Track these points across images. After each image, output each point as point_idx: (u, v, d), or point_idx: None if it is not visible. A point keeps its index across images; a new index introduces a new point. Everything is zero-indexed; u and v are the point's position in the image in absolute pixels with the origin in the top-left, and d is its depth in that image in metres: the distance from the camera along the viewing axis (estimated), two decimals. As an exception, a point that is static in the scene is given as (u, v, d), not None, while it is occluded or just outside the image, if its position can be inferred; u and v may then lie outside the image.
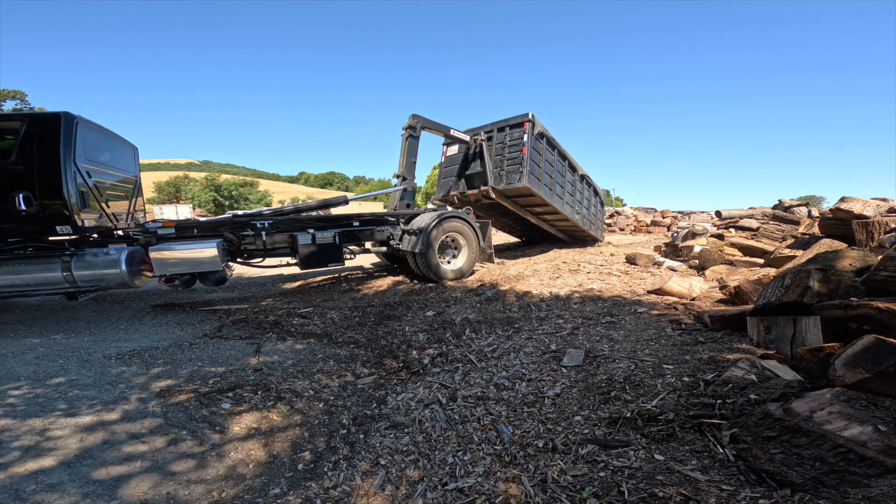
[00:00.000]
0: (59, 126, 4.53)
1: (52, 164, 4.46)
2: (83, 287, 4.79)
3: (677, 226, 14.00)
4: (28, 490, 2.00)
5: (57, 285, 4.71)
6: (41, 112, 4.57)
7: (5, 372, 3.37)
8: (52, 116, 4.55)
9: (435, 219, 6.70)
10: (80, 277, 4.73)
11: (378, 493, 2.03)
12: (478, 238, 7.28)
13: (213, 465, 2.28)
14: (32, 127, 4.47)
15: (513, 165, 7.95)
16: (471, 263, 7.14)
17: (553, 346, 3.44)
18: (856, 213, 4.55)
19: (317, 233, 6.16)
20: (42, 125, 4.50)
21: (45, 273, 4.64)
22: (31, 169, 4.42)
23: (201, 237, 5.70)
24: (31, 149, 4.44)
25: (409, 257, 6.83)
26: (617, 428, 2.19)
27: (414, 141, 7.63)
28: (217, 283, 5.58)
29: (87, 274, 4.75)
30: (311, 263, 6.14)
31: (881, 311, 2.28)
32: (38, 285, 4.65)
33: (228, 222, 5.99)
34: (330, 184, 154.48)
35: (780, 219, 7.24)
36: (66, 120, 4.58)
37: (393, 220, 7.10)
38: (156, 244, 5.30)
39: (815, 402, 1.81)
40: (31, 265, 4.61)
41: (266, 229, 6.04)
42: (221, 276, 5.58)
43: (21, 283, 4.58)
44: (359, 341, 4.35)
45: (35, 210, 4.43)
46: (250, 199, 53.21)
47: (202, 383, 3.22)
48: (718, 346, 3.02)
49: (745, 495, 1.62)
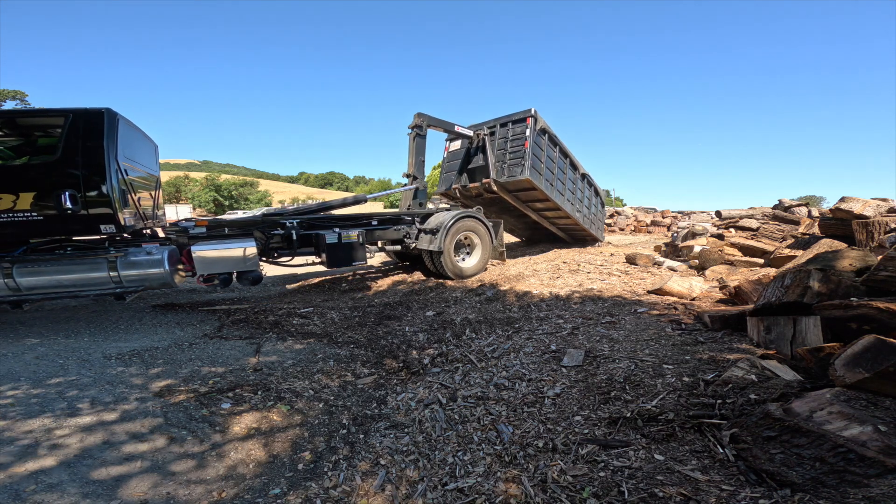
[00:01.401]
0: (102, 122, 4.46)
1: (97, 161, 4.39)
2: (129, 287, 4.71)
3: (677, 226, 14.00)
4: (28, 490, 2.00)
5: (103, 285, 4.62)
6: (84, 108, 4.45)
7: (5, 372, 3.36)
8: (95, 113, 4.48)
9: (452, 218, 6.83)
10: (126, 277, 4.65)
11: (378, 493, 2.04)
12: (491, 237, 7.44)
13: (213, 465, 2.28)
14: (76, 123, 4.38)
15: (515, 159, 8.04)
16: (484, 261, 7.35)
17: (553, 346, 3.44)
18: (856, 213, 4.55)
19: (342, 231, 6.21)
20: (86, 121, 4.42)
21: (92, 273, 4.55)
22: (77, 166, 4.34)
23: (232, 236, 5.67)
24: (76, 146, 4.35)
25: (426, 255, 6.97)
26: (617, 428, 2.19)
27: (421, 140, 7.77)
28: (253, 282, 5.51)
29: (132, 273, 4.67)
30: (337, 262, 6.15)
31: (881, 311, 2.28)
32: (85, 285, 4.56)
33: (258, 221, 5.97)
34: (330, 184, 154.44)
35: (780, 219, 7.24)
36: (108, 116, 4.53)
37: (409, 219, 7.22)
38: (187, 243, 5.25)
39: (815, 402, 1.81)
40: (77, 265, 4.52)
41: (296, 228, 6.05)
42: (258, 276, 5.53)
43: (69, 284, 4.49)
44: (359, 341, 4.35)
45: (80, 208, 4.36)
46: (250, 199, 53.22)
47: (202, 383, 3.22)
48: (718, 346, 3.02)
49: (745, 495, 1.62)
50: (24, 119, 4.56)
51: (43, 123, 4.70)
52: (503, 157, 8.26)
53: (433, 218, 7.13)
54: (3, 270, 4.27)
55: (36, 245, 4.55)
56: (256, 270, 5.45)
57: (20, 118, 4.53)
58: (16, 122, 4.59)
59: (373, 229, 6.74)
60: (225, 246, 5.25)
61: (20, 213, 4.22)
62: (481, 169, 8.58)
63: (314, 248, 6.26)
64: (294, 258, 6.26)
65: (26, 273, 4.33)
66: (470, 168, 8.99)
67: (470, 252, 7.39)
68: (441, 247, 6.59)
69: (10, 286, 4.29)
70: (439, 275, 7.03)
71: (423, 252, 6.96)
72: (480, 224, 7.32)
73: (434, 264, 6.93)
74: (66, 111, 4.41)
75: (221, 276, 5.32)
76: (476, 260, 7.28)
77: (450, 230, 6.73)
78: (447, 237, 6.68)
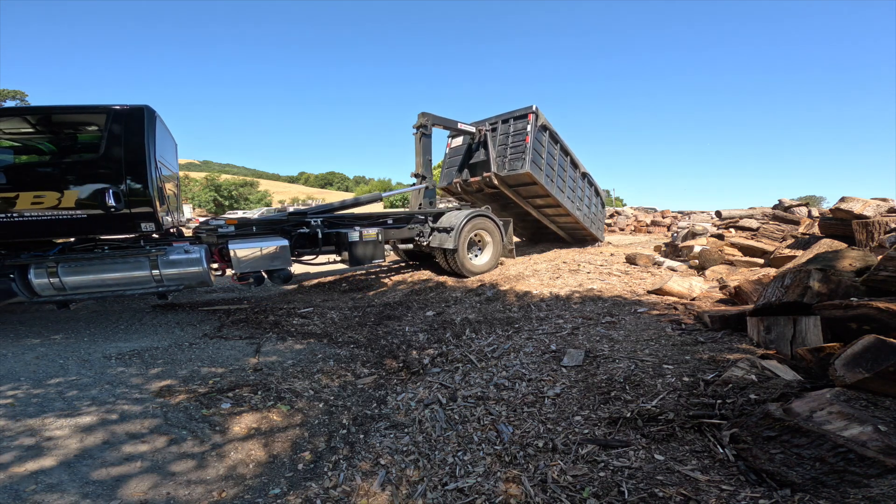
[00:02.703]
0: (143, 119, 4.43)
1: (139, 159, 4.36)
2: (170, 286, 4.69)
3: (677, 226, 14.00)
4: (28, 490, 2.00)
5: (145, 284, 4.60)
6: (124, 105, 4.41)
7: (5, 372, 3.36)
8: (136, 110, 4.45)
9: (465, 217, 6.99)
10: (167, 276, 4.63)
11: (378, 493, 2.03)
12: (501, 234, 7.61)
13: (213, 466, 2.28)
14: (118, 120, 4.34)
15: (515, 153, 8.15)
16: (495, 259, 7.52)
17: (553, 346, 3.44)
18: (856, 213, 4.55)
19: (363, 230, 6.30)
20: (127, 118, 4.38)
21: (134, 272, 4.52)
22: (119, 164, 4.30)
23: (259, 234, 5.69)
24: (118, 143, 4.31)
25: (439, 253, 7.11)
26: (617, 428, 2.19)
27: (427, 139, 7.92)
28: (285, 280, 5.53)
29: (172, 272, 4.66)
30: (358, 260, 6.25)
31: (881, 311, 2.28)
32: (128, 284, 4.54)
33: (284, 220, 6.02)
34: (330, 184, 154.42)
35: (780, 219, 7.24)
36: (148, 113, 4.50)
37: (421, 217, 7.34)
38: (216, 242, 5.25)
39: (815, 402, 1.81)
40: (120, 264, 4.48)
41: (320, 226, 6.12)
42: (289, 274, 5.56)
43: (112, 283, 4.46)
44: (359, 341, 4.35)
45: (123, 206, 4.32)
46: (250, 199, 53.22)
47: (202, 383, 3.22)
48: (718, 346, 3.02)
49: (745, 495, 1.62)
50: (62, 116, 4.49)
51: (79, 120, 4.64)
52: (504, 151, 8.36)
53: (445, 217, 7.27)
54: (49, 269, 4.22)
55: (70, 245, 4.52)
56: (287, 268, 5.49)
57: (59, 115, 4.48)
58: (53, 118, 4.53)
59: (389, 228, 6.87)
60: (261, 244, 5.27)
61: (65, 212, 4.19)
62: (482, 164, 8.70)
63: (335, 246, 6.36)
64: (318, 256, 6.36)
65: (71, 272, 4.29)
66: (471, 163, 9.13)
67: (481, 250, 7.57)
68: (456, 245, 6.74)
69: (55, 285, 4.25)
70: (452, 272, 7.16)
71: (437, 250, 7.09)
72: (491, 222, 7.50)
73: (448, 262, 7.07)
74: (107, 108, 4.37)
75: (255, 274, 5.34)
76: (488, 257, 7.47)
77: (464, 229, 6.89)
78: (461, 235, 6.84)
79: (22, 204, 4.07)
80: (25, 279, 4.21)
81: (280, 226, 5.87)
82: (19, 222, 4.09)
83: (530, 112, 8.14)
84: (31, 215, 4.10)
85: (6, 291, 4.13)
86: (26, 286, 4.22)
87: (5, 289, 4.12)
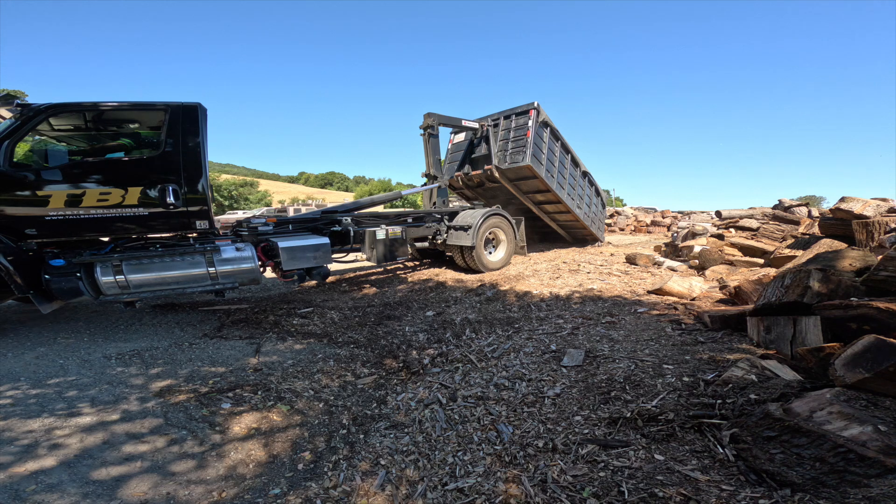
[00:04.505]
0: (197, 116, 4.45)
1: (195, 156, 4.41)
2: (225, 284, 4.68)
3: (677, 226, 13.99)
4: (28, 490, 2.00)
5: (202, 282, 4.58)
6: (180, 103, 4.42)
7: (5, 372, 3.36)
8: (191, 107, 4.46)
9: (482, 216, 7.20)
10: (222, 273, 4.62)
11: (378, 493, 2.03)
12: (514, 232, 7.89)
13: (213, 466, 2.28)
14: (175, 117, 4.36)
15: (517, 147, 8.28)
16: (509, 256, 7.80)
17: (553, 346, 3.44)
18: (856, 213, 4.55)
19: (388, 228, 6.46)
20: (184, 116, 4.40)
21: (192, 269, 4.51)
22: (178, 161, 4.33)
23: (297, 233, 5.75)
24: (177, 140, 4.35)
25: (456, 251, 7.35)
26: (617, 428, 2.19)
27: (435, 139, 8.13)
28: (324, 277, 5.60)
29: (226, 270, 4.65)
30: (384, 258, 6.39)
31: (881, 311, 2.29)
32: (187, 282, 4.52)
33: (318, 218, 6.11)
34: (330, 184, 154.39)
35: (780, 219, 7.24)
36: (201, 110, 4.52)
37: (437, 216, 7.52)
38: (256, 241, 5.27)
39: (815, 402, 1.81)
40: (178, 261, 4.47)
41: (351, 225, 6.25)
42: (328, 271, 5.64)
43: (171, 281, 4.44)
44: (359, 341, 4.35)
45: (181, 204, 4.35)
46: (250, 199, 53.18)
47: (202, 383, 3.22)
48: (718, 346, 3.02)
49: (745, 495, 1.62)
50: (123, 112, 4.50)
51: (139, 117, 4.65)
52: (506, 146, 8.48)
53: (461, 216, 7.48)
54: (114, 267, 4.19)
55: (122, 243, 4.51)
56: (327, 266, 5.57)
57: (120, 112, 4.46)
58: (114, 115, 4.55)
59: (410, 226, 7.03)
60: (306, 241, 5.34)
61: (127, 209, 4.20)
62: (484, 158, 8.83)
63: (362, 244, 6.47)
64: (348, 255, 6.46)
65: (135, 270, 4.27)
66: (473, 157, 9.29)
67: (495, 247, 7.80)
68: (474, 242, 6.97)
69: (120, 284, 4.21)
70: (468, 269, 7.43)
71: (453, 247, 7.34)
72: (506, 221, 7.76)
73: (465, 259, 7.32)
74: (166, 105, 4.39)
75: (299, 271, 5.36)
76: (502, 254, 7.74)
77: (481, 227, 7.13)
78: (479, 233, 7.08)
79: (88, 201, 4.07)
80: (91, 278, 4.17)
81: (314, 224, 5.99)
82: (85, 220, 4.09)
83: (532, 108, 8.26)
84: (97, 213, 4.10)
85: (74, 290, 4.07)
86: (92, 285, 4.18)
87: (73, 287, 4.06)
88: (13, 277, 3.79)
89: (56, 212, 3.98)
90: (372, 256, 6.34)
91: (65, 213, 4.00)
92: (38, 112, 3.98)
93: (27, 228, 3.95)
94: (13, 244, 3.91)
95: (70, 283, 4.05)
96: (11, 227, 3.91)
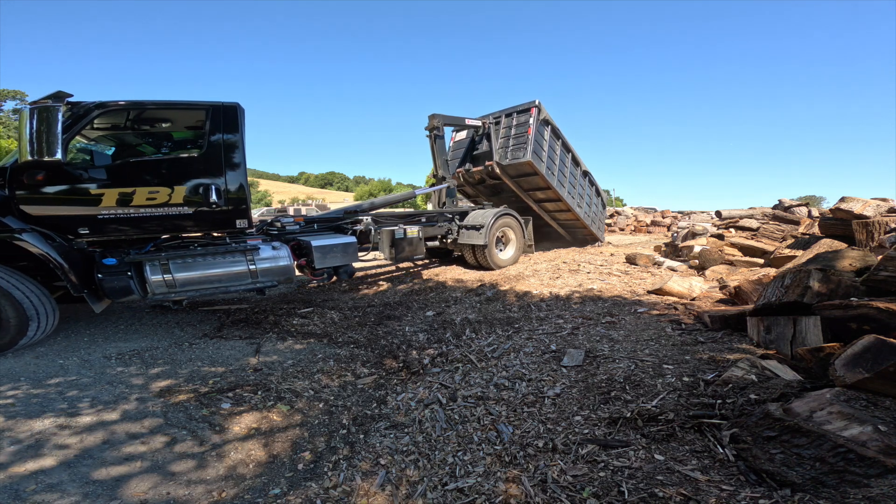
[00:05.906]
0: (236, 116, 4.50)
1: (236, 155, 4.47)
2: (264, 282, 4.71)
3: (677, 226, 13.99)
4: (28, 490, 2.00)
5: (244, 280, 4.62)
6: (219, 102, 4.47)
7: (5, 372, 3.36)
8: (231, 107, 4.50)
9: (494, 215, 7.40)
10: (262, 271, 4.67)
11: (378, 493, 2.03)
12: (523, 231, 8.14)
13: (213, 466, 2.28)
14: (216, 117, 4.41)
15: (518, 143, 8.36)
16: (518, 254, 8.05)
17: (553, 346, 3.44)
18: (856, 213, 4.55)
19: (406, 227, 6.56)
20: (224, 115, 4.45)
21: (234, 268, 4.55)
22: (220, 160, 4.39)
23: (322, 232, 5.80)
24: (219, 139, 4.41)
25: (468, 249, 7.54)
26: (617, 428, 2.19)
27: (441, 140, 8.27)
28: (350, 275, 5.68)
29: (265, 268, 4.69)
30: (403, 257, 6.50)
31: (881, 311, 2.29)
32: (230, 281, 4.56)
33: (341, 217, 6.19)
34: (330, 184, 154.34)
35: (780, 219, 7.24)
36: (240, 110, 4.56)
37: (449, 216, 7.65)
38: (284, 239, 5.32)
39: (815, 402, 1.81)
40: (220, 260, 4.51)
41: (372, 224, 6.34)
42: (353, 269, 5.73)
43: (215, 279, 4.48)
44: (359, 341, 4.35)
45: (223, 203, 4.40)
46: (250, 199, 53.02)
47: (202, 383, 3.22)
48: (718, 346, 3.02)
49: (745, 495, 1.62)
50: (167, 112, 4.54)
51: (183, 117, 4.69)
52: (507, 143, 8.54)
53: (471, 216, 7.64)
54: (162, 266, 4.21)
55: (160, 242, 4.53)
56: (352, 264, 5.66)
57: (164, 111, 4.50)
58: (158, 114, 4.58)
59: (424, 226, 7.13)
60: (336, 241, 5.41)
61: (173, 208, 4.24)
62: (485, 155, 8.88)
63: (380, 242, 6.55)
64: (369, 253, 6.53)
65: (181, 268, 4.29)
66: (474, 154, 9.36)
67: (505, 245, 7.98)
68: (486, 241, 7.16)
69: (167, 283, 4.23)
70: (480, 266, 7.63)
71: (465, 246, 7.52)
72: (515, 220, 7.98)
73: (476, 257, 7.52)
74: (208, 104, 4.44)
75: (328, 269, 5.44)
76: (512, 252, 7.96)
77: (493, 226, 7.31)
78: (491, 232, 7.27)
79: (138, 200, 4.09)
80: (141, 276, 4.19)
81: (337, 223, 6.07)
82: (134, 218, 4.12)
83: (533, 106, 8.32)
84: (145, 212, 4.14)
85: (125, 289, 4.08)
86: (141, 284, 4.21)
87: (124, 286, 4.07)
88: (69, 276, 3.78)
89: (108, 210, 4.01)
90: (390, 255, 6.41)
91: (116, 211, 4.03)
92: (89, 111, 3.98)
93: (80, 227, 3.96)
94: (66, 243, 3.92)
95: (122, 282, 4.07)
96: (64, 226, 3.92)
